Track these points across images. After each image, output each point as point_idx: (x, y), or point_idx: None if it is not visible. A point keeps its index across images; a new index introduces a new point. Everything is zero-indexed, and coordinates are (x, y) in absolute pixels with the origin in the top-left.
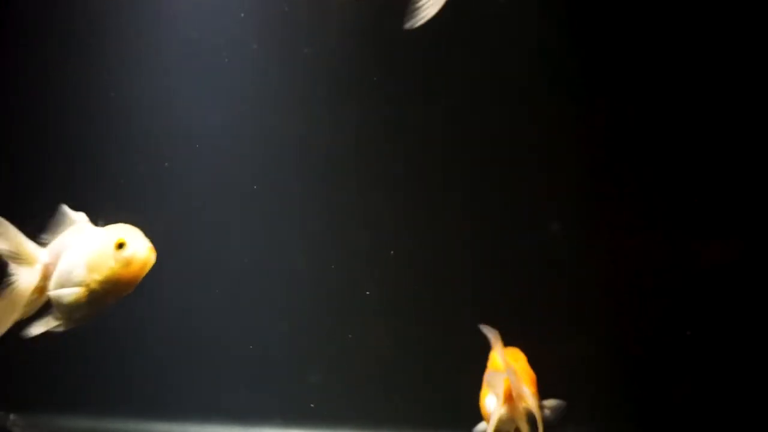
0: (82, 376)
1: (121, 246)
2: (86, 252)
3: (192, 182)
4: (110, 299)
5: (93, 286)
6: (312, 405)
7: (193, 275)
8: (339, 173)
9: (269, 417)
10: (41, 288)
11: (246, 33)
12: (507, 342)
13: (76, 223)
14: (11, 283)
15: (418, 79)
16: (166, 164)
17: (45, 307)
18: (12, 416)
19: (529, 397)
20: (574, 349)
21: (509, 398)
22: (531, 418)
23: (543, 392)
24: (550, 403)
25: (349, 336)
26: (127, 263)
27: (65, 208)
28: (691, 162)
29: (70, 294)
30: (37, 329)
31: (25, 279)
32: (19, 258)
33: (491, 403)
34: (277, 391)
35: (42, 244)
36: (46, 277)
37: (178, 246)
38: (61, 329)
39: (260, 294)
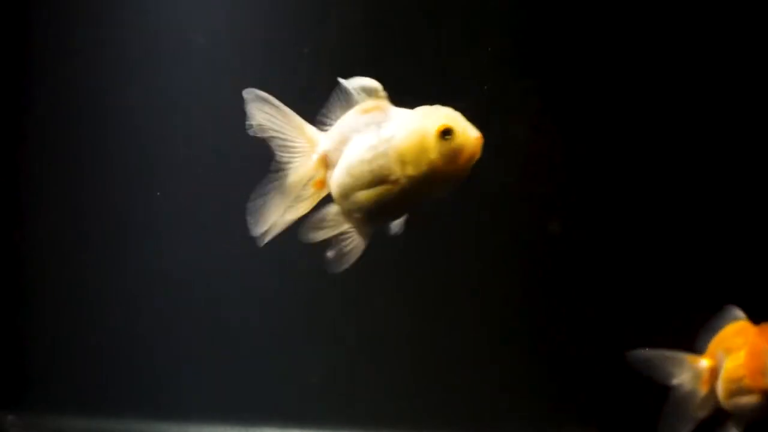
0: (82, 375)
1: (446, 134)
2: (397, 139)
3: (191, 182)
4: (420, 198)
5: (403, 181)
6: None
7: (193, 275)
8: None
9: (269, 417)
10: (320, 181)
11: (245, 33)
12: None
13: None
14: (282, 176)
15: (418, 78)
16: (164, 164)
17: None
18: (11, 417)
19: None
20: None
21: None
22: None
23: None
24: None
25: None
26: (453, 156)
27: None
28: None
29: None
30: (322, 233)
31: (296, 169)
32: (294, 145)
33: None
34: (277, 391)
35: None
36: (326, 166)
37: (177, 245)
38: (355, 241)
39: (260, 293)
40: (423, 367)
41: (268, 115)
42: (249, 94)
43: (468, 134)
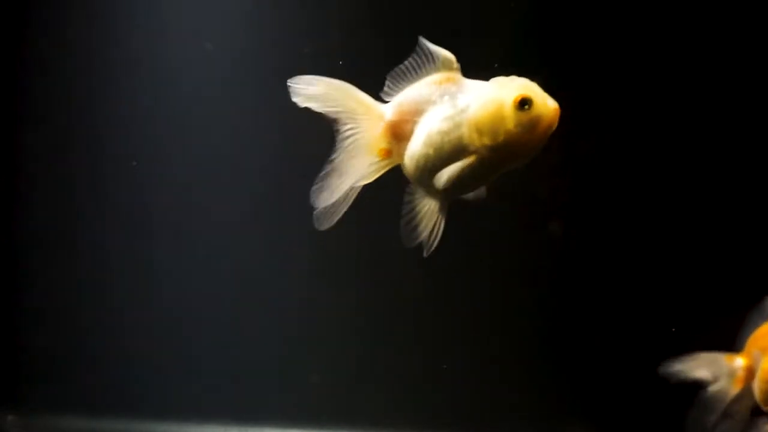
0: (82, 376)
1: (524, 104)
2: (473, 109)
3: (190, 183)
4: (498, 169)
5: (481, 152)
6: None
7: (193, 275)
8: None
9: (269, 417)
10: (387, 150)
11: (245, 35)
12: None
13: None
14: (346, 148)
15: None
16: (162, 165)
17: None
18: (11, 417)
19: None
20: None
21: None
22: None
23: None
24: None
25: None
26: (531, 126)
27: None
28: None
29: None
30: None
31: (361, 140)
32: (355, 116)
33: None
34: (277, 391)
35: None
36: (392, 136)
37: (177, 246)
38: (436, 219)
39: (259, 293)
40: (423, 367)
41: (321, 89)
42: (294, 79)
43: (547, 104)
